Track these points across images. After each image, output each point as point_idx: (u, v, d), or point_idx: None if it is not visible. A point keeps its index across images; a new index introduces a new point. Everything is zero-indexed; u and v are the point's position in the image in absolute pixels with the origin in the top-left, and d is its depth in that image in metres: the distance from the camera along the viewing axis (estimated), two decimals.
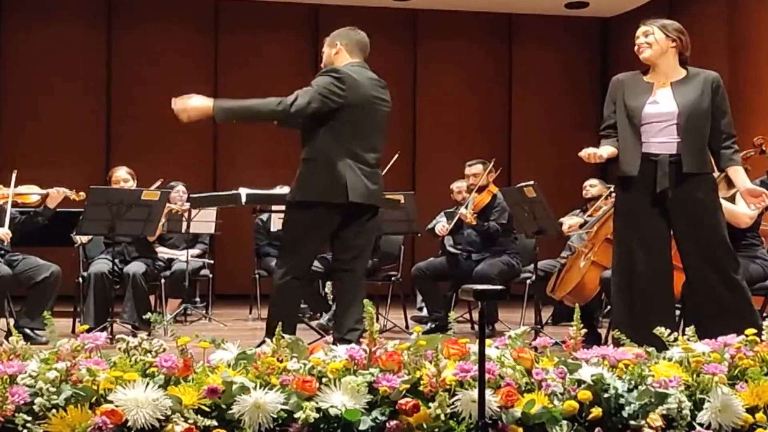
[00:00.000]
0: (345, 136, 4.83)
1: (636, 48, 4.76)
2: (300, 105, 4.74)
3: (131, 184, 7.08)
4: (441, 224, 7.59)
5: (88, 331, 3.37)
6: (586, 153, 4.71)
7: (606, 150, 4.72)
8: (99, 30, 11.50)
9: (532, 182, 6.31)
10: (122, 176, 7.17)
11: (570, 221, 6.69)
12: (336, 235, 5.00)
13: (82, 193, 6.65)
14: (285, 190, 6.74)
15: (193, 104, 4.78)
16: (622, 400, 3.15)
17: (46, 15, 11.27)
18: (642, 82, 4.78)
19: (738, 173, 4.74)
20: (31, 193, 6.73)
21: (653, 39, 4.68)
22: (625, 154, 4.70)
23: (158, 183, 7.27)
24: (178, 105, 4.80)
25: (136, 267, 6.94)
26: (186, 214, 7.87)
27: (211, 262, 8.81)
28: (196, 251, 8.42)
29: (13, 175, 6.62)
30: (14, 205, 6.58)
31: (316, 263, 7.60)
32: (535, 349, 3.41)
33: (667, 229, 4.73)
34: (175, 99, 4.78)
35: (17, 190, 6.64)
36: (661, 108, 4.67)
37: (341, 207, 4.84)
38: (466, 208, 7.28)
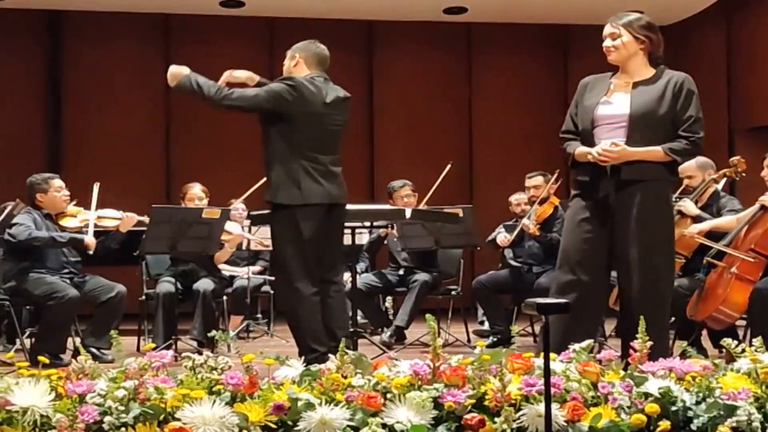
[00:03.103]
0: (300, 142, 5.01)
1: (605, 50, 4.54)
2: (239, 99, 5.04)
3: (205, 202, 7.22)
4: (503, 235, 7.57)
5: (154, 349, 3.41)
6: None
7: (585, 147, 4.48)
8: (157, 50, 11.66)
9: None
10: (197, 194, 7.33)
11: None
12: (316, 244, 5.04)
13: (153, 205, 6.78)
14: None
15: (173, 69, 5.23)
16: (690, 413, 3.11)
17: (106, 36, 11.45)
18: (604, 83, 4.58)
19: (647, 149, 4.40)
20: (110, 217, 6.84)
21: (620, 42, 4.45)
22: (580, 156, 4.50)
23: (262, 182, 7.37)
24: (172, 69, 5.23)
25: (206, 284, 7.02)
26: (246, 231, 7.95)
27: (272, 278, 8.85)
28: (256, 268, 8.49)
29: (95, 188, 6.76)
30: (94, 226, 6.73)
31: (374, 279, 7.66)
32: (600, 362, 3.38)
33: (606, 237, 4.47)
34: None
35: (98, 213, 6.79)
36: (613, 109, 4.45)
37: (310, 208, 4.97)
38: (529, 219, 7.25)
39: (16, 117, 11.24)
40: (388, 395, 3.06)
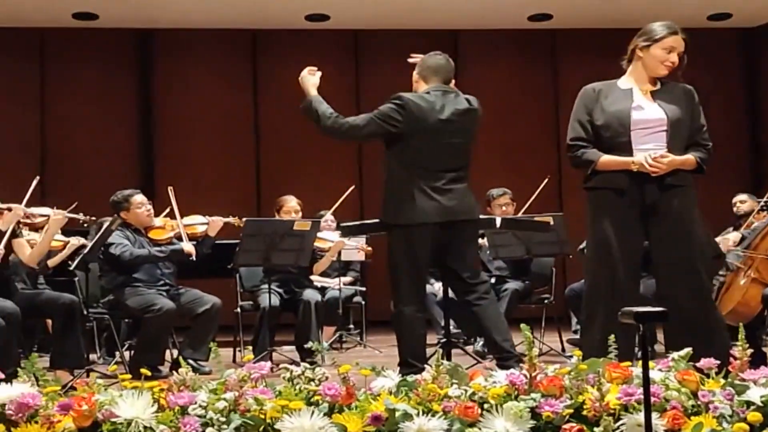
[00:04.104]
0: (415, 159, 4.94)
1: (667, 63, 4.50)
2: (352, 130, 5.04)
3: (300, 215, 7.32)
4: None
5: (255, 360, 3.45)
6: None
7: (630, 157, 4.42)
8: (245, 65, 11.84)
9: None
10: (294, 207, 7.50)
11: (731, 237, 6.50)
12: (440, 263, 5.04)
13: (245, 219, 6.91)
14: None
15: (305, 81, 5.26)
16: None
17: (195, 52, 11.66)
18: (618, 89, 4.57)
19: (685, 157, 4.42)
20: (197, 223, 7.01)
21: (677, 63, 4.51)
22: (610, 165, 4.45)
23: (350, 190, 7.60)
24: (304, 74, 5.30)
25: (313, 294, 7.12)
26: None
27: (363, 289, 8.90)
28: (348, 279, 8.55)
29: (171, 192, 6.90)
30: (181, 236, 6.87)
31: None
32: (699, 370, 3.32)
33: (643, 241, 4.50)
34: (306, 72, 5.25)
35: (184, 221, 6.93)
36: (646, 114, 4.44)
37: (427, 227, 4.92)
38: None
39: (110, 133, 11.50)
40: (485, 405, 3.05)
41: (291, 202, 7.57)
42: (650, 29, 4.60)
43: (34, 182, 5.93)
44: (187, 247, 6.75)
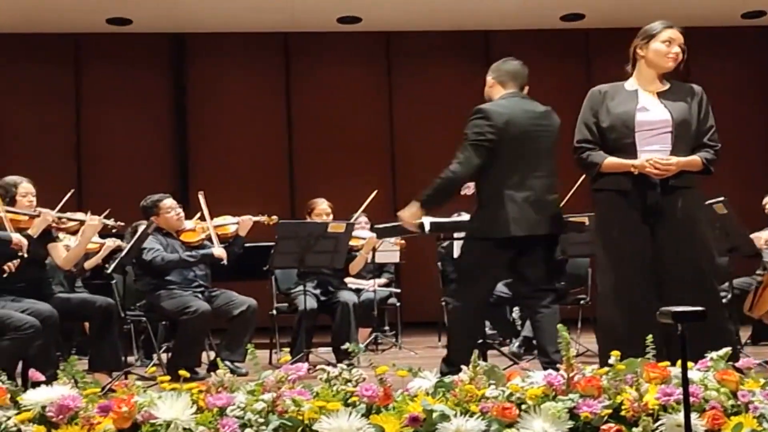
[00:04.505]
0: (504, 169, 4.89)
1: (670, 55, 4.49)
2: (464, 167, 4.90)
3: (331, 217, 7.34)
4: None
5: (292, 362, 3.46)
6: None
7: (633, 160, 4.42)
8: (277, 67, 11.89)
9: (722, 198, 6.11)
10: (325, 209, 7.54)
11: (763, 236, 6.46)
12: (513, 268, 5.03)
13: (275, 217, 6.93)
14: (464, 217, 6.81)
15: (404, 217, 5.14)
16: None
17: (228, 56, 11.74)
18: (625, 91, 4.56)
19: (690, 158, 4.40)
20: (228, 223, 7.07)
21: (682, 56, 4.50)
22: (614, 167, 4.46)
23: (373, 195, 7.67)
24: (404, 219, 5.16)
25: (350, 296, 7.14)
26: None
27: (398, 290, 8.91)
28: (382, 280, 8.56)
29: (201, 197, 6.95)
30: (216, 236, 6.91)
31: (502, 288, 7.61)
32: (738, 370, 3.29)
33: (648, 242, 4.45)
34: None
35: (214, 222, 6.98)
36: (651, 116, 4.43)
37: (510, 240, 4.86)
38: None
39: (144, 137, 11.60)
40: (523, 406, 3.04)
41: (322, 205, 7.60)
42: (646, 28, 4.62)
43: (69, 193, 5.99)
44: (218, 251, 6.79)
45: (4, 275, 5.43)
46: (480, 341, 5.57)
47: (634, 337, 4.40)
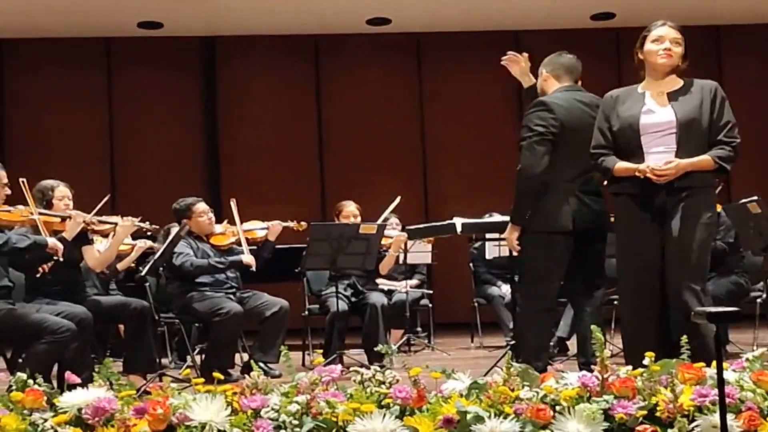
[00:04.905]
0: (564, 162, 4.85)
1: (660, 53, 4.49)
2: (533, 161, 4.81)
3: (358, 219, 7.36)
4: None
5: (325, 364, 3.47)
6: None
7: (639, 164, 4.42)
8: (307, 70, 11.92)
9: (755, 197, 6.06)
10: (353, 211, 7.54)
11: None
12: (569, 264, 5.00)
13: (303, 223, 6.94)
14: (496, 218, 6.79)
15: (508, 243, 5.02)
16: None
17: (257, 58, 11.78)
18: (636, 93, 4.55)
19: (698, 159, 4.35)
20: (257, 228, 7.09)
21: (679, 50, 4.49)
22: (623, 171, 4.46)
23: (396, 201, 7.64)
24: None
25: (379, 297, 7.15)
26: (402, 246, 8.03)
27: (430, 291, 8.91)
28: (414, 282, 8.56)
29: (233, 204, 6.98)
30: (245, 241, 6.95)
31: None
32: None
33: (658, 244, 4.44)
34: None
35: (244, 227, 7.02)
36: (657, 118, 4.41)
37: (571, 234, 4.84)
38: None
39: (176, 140, 11.65)
40: (557, 408, 3.04)
41: (349, 207, 7.61)
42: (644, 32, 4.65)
43: (105, 199, 6.04)
44: (246, 258, 6.83)
45: (38, 275, 5.48)
46: (513, 342, 5.56)
47: (631, 342, 4.50)
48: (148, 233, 6.66)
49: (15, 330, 5.11)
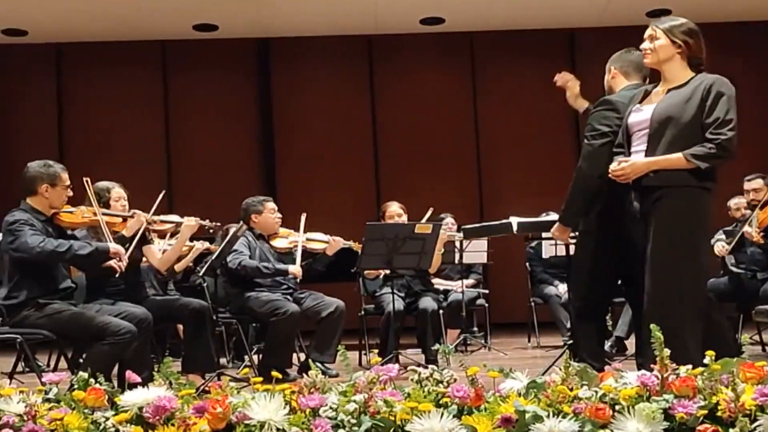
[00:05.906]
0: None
1: (643, 52, 4.50)
2: (593, 162, 4.71)
3: (404, 218, 7.35)
4: (720, 244, 7.30)
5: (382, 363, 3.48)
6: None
7: None
8: (360, 70, 11.96)
9: None
10: (396, 211, 7.50)
11: None
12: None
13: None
14: (552, 217, 6.74)
15: (554, 235, 5.07)
16: None
17: (311, 59, 11.84)
18: (646, 91, 4.53)
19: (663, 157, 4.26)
20: (318, 240, 7.10)
21: (656, 45, 4.39)
22: None
23: (429, 213, 7.56)
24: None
25: (430, 303, 7.14)
26: (458, 245, 8.02)
27: (486, 291, 8.89)
28: (470, 281, 8.54)
29: (303, 218, 7.02)
30: (303, 249, 6.98)
31: None
32: None
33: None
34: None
35: (307, 236, 7.05)
36: (640, 116, 4.36)
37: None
38: (750, 225, 6.96)
39: (231, 142, 11.76)
40: (617, 407, 3.01)
41: (393, 206, 7.61)
42: None
43: (161, 195, 6.08)
44: (293, 269, 6.85)
45: (116, 275, 5.50)
46: (571, 342, 5.51)
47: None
48: (210, 231, 6.71)
49: (78, 331, 5.17)
